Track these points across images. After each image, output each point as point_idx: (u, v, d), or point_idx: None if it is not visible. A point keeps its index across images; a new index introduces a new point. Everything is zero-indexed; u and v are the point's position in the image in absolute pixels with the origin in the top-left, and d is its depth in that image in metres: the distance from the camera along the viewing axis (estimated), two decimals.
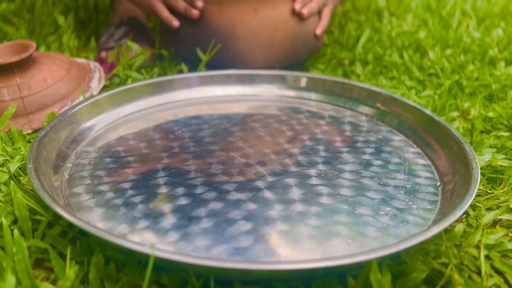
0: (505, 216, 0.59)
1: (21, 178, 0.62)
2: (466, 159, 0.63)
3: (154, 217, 0.55)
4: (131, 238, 0.52)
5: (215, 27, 0.91)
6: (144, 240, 0.52)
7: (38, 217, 0.53)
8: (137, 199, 0.59)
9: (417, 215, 0.58)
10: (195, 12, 0.90)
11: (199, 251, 0.51)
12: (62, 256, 0.51)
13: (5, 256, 0.46)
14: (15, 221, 0.55)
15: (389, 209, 0.58)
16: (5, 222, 0.49)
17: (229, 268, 0.43)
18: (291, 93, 0.91)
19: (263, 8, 0.90)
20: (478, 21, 1.35)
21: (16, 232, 0.46)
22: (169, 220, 0.55)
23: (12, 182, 0.56)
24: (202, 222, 0.55)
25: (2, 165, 0.62)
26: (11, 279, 0.44)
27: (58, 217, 0.54)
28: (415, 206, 0.59)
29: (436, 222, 0.53)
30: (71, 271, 0.43)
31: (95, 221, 0.55)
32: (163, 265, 0.46)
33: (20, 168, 0.63)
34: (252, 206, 0.58)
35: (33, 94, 0.78)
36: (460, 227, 0.50)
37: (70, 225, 0.53)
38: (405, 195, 0.61)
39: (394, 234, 0.54)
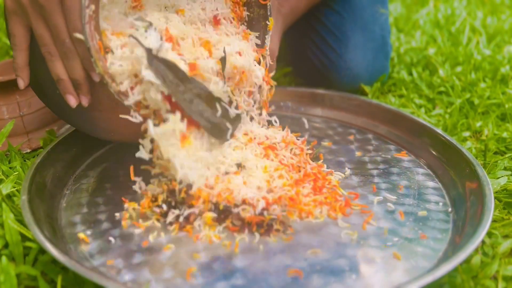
0: None
1: (15, 198, 0.60)
2: (480, 184, 0.60)
3: (151, 251, 0.53)
4: (125, 275, 0.49)
5: None
6: (139, 277, 0.49)
7: (28, 243, 0.51)
8: (135, 230, 0.56)
9: (426, 245, 0.54)
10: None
11: None
12: (54, 284, 0.48)
13: None
14: (6, 245, 0.52)
15: (397, 239, 0.55)
16: None
17: None
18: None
19: None
20: (488, 38, 1.33)
21: (4, 259, 0.44)
22: (166, 254, 0.52)
23: (4, 204, 0.54)
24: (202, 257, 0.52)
25: None
26: None
27: None
28: (425, 235, 0.56)
29: (445, 258, 0.50)
30: None
31: (90, 254, 0.52)
32: None
33: (15, 188, 0.61)
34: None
35: (33, 112, 0.76)
36: (477, 259, 0.47)
37: None
38: (414, 223, 0.58)
39: (402, 267, 0.51)
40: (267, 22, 0.67)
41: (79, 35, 0.52)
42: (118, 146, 0.75)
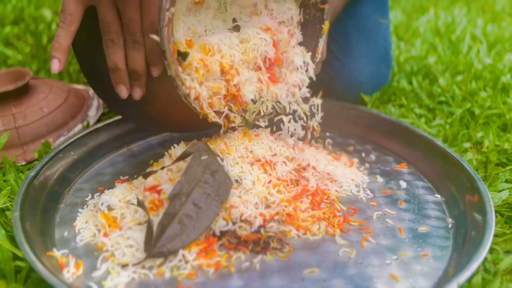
0: None
1: (8, 212, 0.59)
2: (481, 199, 0.59)
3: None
4: None
5: None
6: None
7: (18, 263, 0.50)
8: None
9: (426, 264, 0.53)
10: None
11: None
12: None
13: None
14: None
15: (396, 257, 0.54)
16: None
17: None
18: None
19: None
20: (489, 46, 1.32)
21: None
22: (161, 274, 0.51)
23: None
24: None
25: None
26: None
27: None
28: (426, 254, 0.55)
29: (445, 277, 0.49)
30: None
31: (84, 272, 0.51)
32: None
33: (9, 204, 0.60)
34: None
35: (28, 124, 0.76)
36: (478, 279, 0.46)
37: None
38: (414, 240, 0.57)
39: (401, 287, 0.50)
40: (322, 25, 0.69)
41: (155, 37, 0.54)
42: (113, 160, 0.74)
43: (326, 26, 0.68)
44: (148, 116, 0.64)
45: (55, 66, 0.56)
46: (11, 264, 0.50)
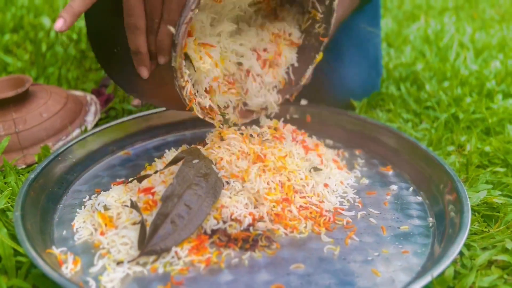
0: (500, 257, 0.57)
1: (8, 213, 0.62)
2: (459, 199, 0.62)
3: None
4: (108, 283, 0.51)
5: None
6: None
7: (20, 258, 0.52)
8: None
9: (406, 260, 0.56)
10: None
11: None
12: None
13: None
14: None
15: (377, 254, 0.57)
16: None
17: None
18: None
19: None
20: (476, 53, 1.36)
21: None
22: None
23: None
24: None
25: None
26: None
27: None
28: (406, 251, 0.58)
29: (424, 272, 0.52)
30: None
31: (81, 268, 0.54)
32: None
33: (10, 200, 0.63)
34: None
35: (28, 129, 0.78)
36: (450, 271, 0.49)
37: None
38: (396, 238, 0.60)
39: (381, 282, 0.53)
40: (316, 55, 0.74)
41: (172, 29, 0.57)
42: (110, 163, 0.77)
43: (319, 56, 0.74)
44: (136, 86, 0.68)
45: (59, 24, 0.56)
46: (12, 260, 0.52)
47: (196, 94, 0.65)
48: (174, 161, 0.63)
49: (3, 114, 0.78)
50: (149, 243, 0.55)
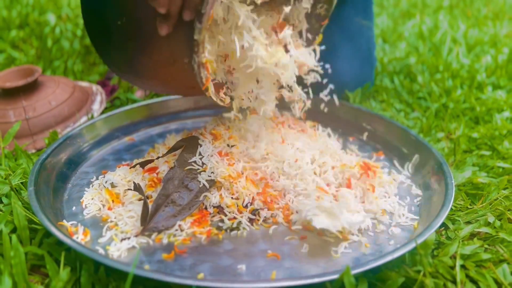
0: (482, 229, 0.61)
1: (22, 191, 0.66)
2: (444, 179, 0.66)
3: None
4: (115, 252, 0.55)
5: None
6: (130, 256, 0.55)
7: (34, 226, 0.56)
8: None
9: (393, 235, 0.61)
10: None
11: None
12: (57, 263, 0.53)
13: (3, 260, 0.49)
14: (14, 230, 0.58)
15: (370, 232, 0.61)
16: (5, 229, 0.52)
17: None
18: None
19: None
20: (468, 48, 1.40)
21: (14, 237, 0.49)
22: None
23: (12, 193, 0.60)
24: None
25: (5, 179, 0.66)
26: (7, 282, 0.47)
27: None
28: (395, 225, 0.62)
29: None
30: (63, 272, 0.46)
31: (91, 239, 0.58)
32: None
33: (21, 183, 0.67)
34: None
35: (37, 116, 0.82)
36: (432, 236, 0.53)
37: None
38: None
39: (370, 252, 0.57)
40: (316, 36, 0.75)
41: None
42: (115, 148, 0.81)
43: (319, 38, 0.74)
44: (136, 64, 0.64)
45: (165, 30, 0.56)
46: (27, 231, 0.56)
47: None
48: (174, 148, 0.68)
49: (14, 102, 0.83)
50: (151, 220, 0.59)
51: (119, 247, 0.57)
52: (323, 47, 0.77)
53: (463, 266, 0.55)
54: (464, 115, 0.97)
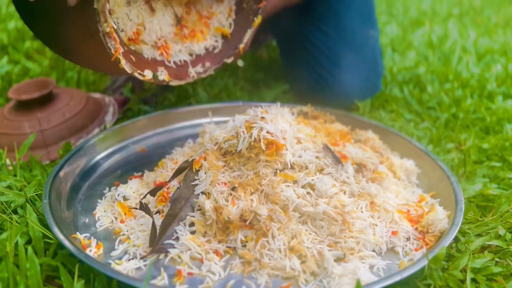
0: (493, 242, 0.61)
1: (36, 202, 0.67)
2: (453, 192, 0.66)
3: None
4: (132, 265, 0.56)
5: None
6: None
7: (48, 239, 0.58)
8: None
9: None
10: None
11: None
12: (71, 274, 0.54)
13: (19, 272, 0.50)
14: (29, 241, 0.59)
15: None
16: (20, 241, 0.53)
17: None
18: None
19: None
20: (478, 57, 1.40)
21: (30, 249, 0.51)
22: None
23: (28, 205, 0.61)
24: None
25: (20, 190, 0.67)
26: None
27: None
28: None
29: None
30: (78, 284, 0.47)
31: (104, 252, 0.59)
32: None
33: (36, 194, 0.68)
34: None
35: (52, 127, 0.84)
36: (443, 250, 0.53)
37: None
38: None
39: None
40: (255, 18, 0.74)
41: None
42: (127, 158, 0.82)
43: (258, 19, 0.73)
44: (60, 39, 0.64)
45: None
46: (41, 243, 0.57)
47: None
48: (179, 171, 0.68)
49: (29, 113, 0.84)
50: (159, 241, 0.60)
51: (126, 266, 0.56)
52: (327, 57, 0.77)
53: (473, 280, 0.55)
54: (474, 125, 0.97)
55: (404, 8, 2.12)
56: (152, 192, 0.67)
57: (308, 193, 0.62)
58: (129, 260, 0.58)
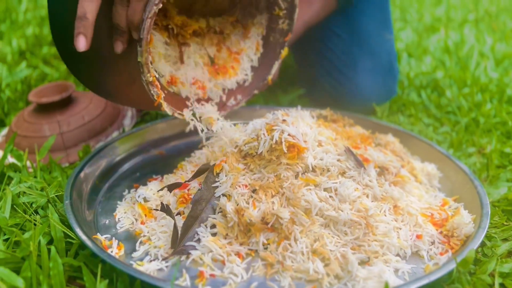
0: None
1: (57, 203, 0.67)
2: (478, 196, 0.65)
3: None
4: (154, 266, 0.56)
5: None
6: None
7: (69, 240, 0.58)
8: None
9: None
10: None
11: None
12: (93, 274, 0.54)
13: (42, 271, 0.50)
14: (50, 241, 0.59)
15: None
16: (43, 241, 0.53)
17: None
18: None
19: None
20: (496, 62, 1.38)
21: (53, 249, 0.51)
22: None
23: (50, 206, 0.61)
24: None
25: (42, 190, 0.68)
26: None
27: None
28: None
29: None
30: (101, 284, 0.47)
31: (125, 253, 0.59)
32: None
33: (56, 195, 0.69)
34: None
35: (71, 130, 0.85)
36: (471, 253, 0.52)
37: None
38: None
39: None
40: (281, 50, 0.77)
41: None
42: (146, 161, 0.82)
43: (284, 51, 0.78)
44: (104, 85, 0.68)
45: (82, 43, 0.55)
46: (63, 243, 0.57)
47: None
48: (199, 172, 0.68)
49: (49, 116, 0.85)
50: (181, 243, 0.59)
51: (147, 267, 0.56)
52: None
53: (501, 285, 0.54)
54: (496, 129, 0.95)
55: (419, 15, 2.11)
56: (170, 188, 0.67)
57: (330, 196, 0.62)
58: (151, 261, 0.57)
